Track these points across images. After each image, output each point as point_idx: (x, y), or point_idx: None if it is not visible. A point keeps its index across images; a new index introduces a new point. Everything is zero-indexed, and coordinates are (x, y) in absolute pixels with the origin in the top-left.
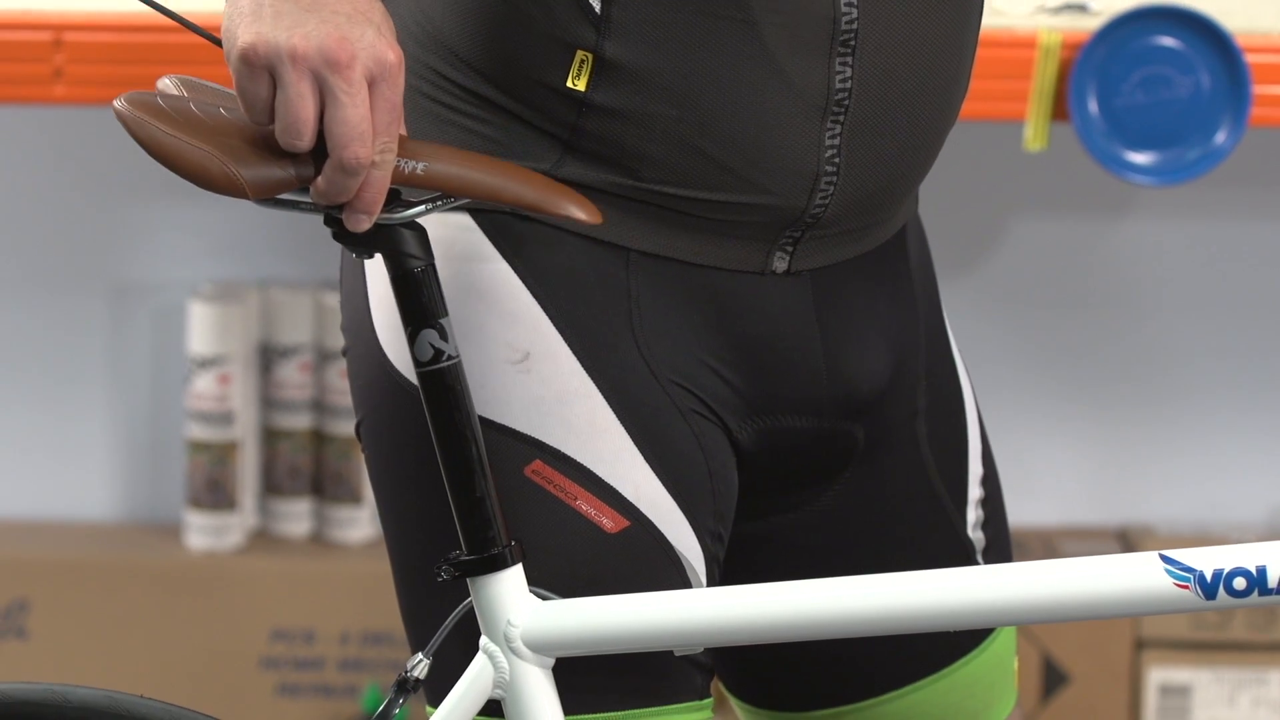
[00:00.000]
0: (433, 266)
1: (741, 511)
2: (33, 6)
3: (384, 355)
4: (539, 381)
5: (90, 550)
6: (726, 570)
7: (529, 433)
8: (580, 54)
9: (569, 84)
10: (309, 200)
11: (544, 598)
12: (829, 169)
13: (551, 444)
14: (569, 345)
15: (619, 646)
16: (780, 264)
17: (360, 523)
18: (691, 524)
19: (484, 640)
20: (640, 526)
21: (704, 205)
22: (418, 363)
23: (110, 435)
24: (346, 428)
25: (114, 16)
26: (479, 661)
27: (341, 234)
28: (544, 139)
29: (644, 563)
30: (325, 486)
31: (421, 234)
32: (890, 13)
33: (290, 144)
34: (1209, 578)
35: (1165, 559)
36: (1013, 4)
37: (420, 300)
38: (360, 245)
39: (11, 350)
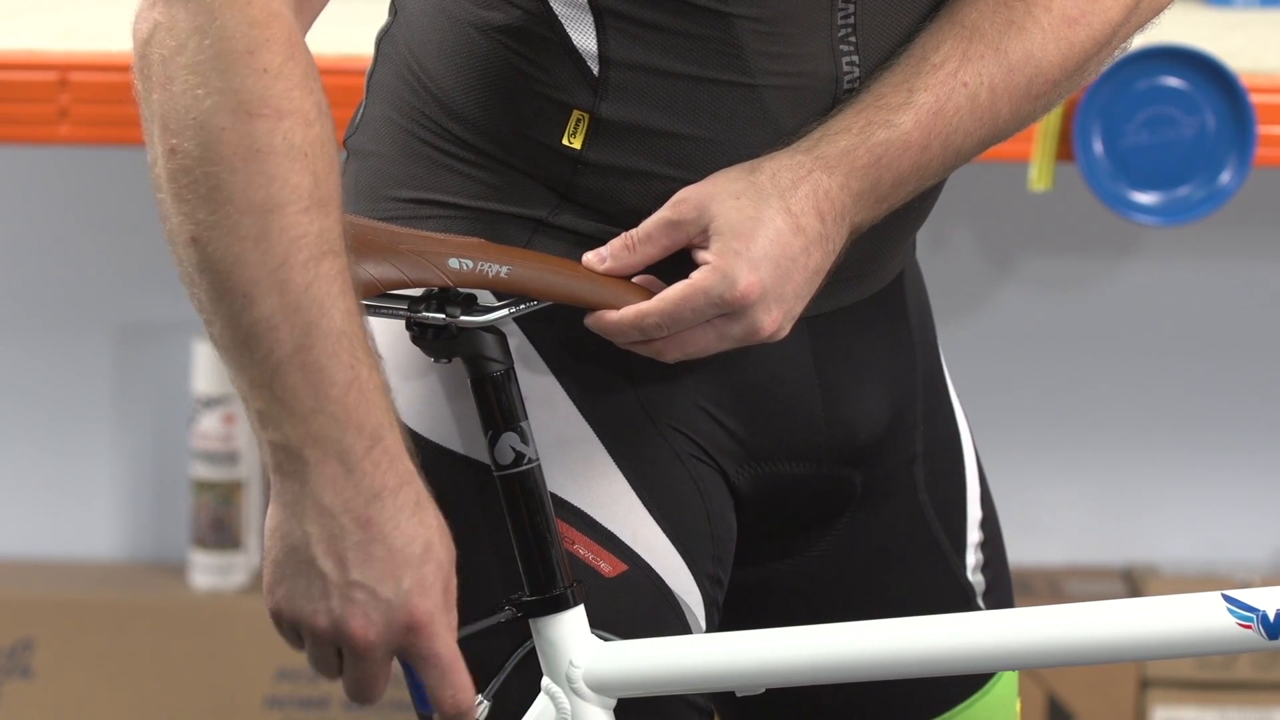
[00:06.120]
0: (512, 370)
1: (739, 557)
2: (38, 47)
3: None
4: (536, 427)
5: (95, 590)
6: (725, 616)
7: None
8: (576, 114)
9: (564, 142)
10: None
11: (604, 638)
12: None
13: (549, 489)
14: (566, 391)
15: (682, 687)
16: None
17: None
18: (690, 568)
19: (545, 681)
20: (638, 571)
21: None
22: (497, 465)
23: (115, 475)
24: None
25: (119, 57)
26: (541, 702)
27: (421, 338)
28: (540, 188)
29: (642, 607)
30: None
31: (501, 338)
32: None
33: None
34: (1272, 617)
35: (1228, 599)
36: None
37: (500, 404)
38: (440, 350)
39: (17, 390)
